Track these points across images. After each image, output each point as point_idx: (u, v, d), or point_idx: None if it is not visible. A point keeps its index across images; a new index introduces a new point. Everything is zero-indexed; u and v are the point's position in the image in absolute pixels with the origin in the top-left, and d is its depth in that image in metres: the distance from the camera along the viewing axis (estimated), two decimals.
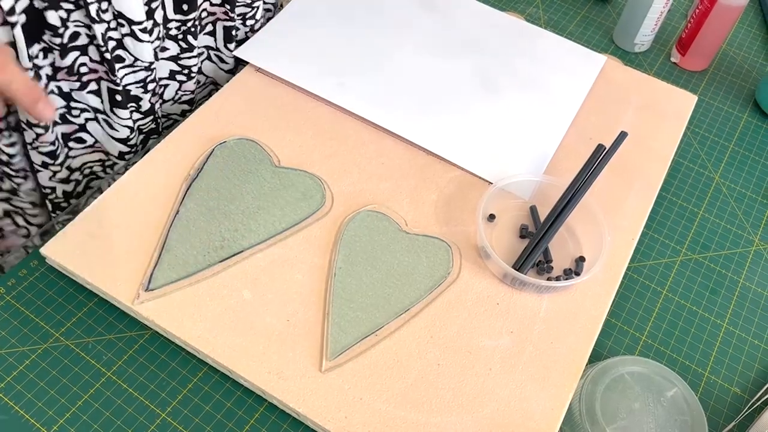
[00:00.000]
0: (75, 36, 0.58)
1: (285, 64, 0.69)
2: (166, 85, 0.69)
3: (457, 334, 0.54)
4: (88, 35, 0.58)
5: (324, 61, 0.70)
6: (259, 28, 0.73)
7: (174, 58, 0.67)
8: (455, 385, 0.51)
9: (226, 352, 0.51)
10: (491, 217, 0.61)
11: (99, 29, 0.58)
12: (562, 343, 0.54)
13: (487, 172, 0.64)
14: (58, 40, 0.57)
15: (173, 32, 0.65)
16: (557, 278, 0.57)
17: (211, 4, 0.67)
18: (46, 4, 0.54)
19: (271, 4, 0.76)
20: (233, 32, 0.70)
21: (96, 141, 0.67)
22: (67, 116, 0.64)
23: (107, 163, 0.69)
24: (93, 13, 0.56)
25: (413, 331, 0.54)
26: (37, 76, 0.58)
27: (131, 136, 0.67)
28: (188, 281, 0.54)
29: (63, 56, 0.58)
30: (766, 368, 0.59)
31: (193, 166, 0.61)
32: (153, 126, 0.69)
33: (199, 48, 0.68)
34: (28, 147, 0.63)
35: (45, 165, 0.64)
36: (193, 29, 0.65)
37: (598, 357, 0.57)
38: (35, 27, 0.55)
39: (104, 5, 0.57)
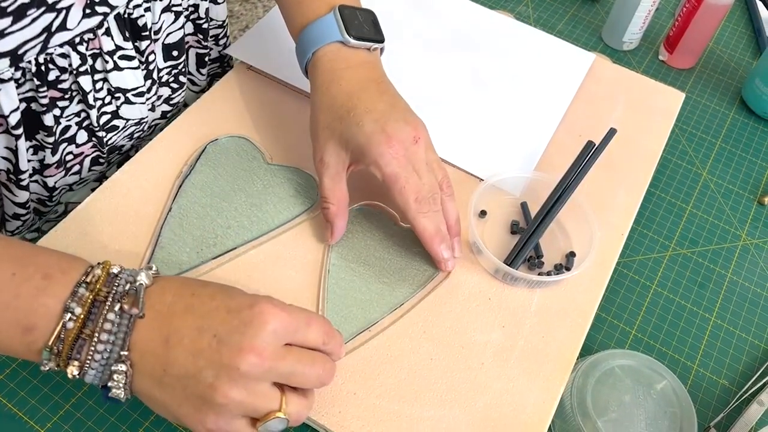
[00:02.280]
0: (65, 130, 0.57)
1: (275, 61, 0.69)
2: (157, 125, 0.69)
3: (450, 328, 0.54)
4: (77, 123, 0.58)
5: None
6: (229, 44, 0.73)
7: (166, 100, 0.67)
8: (448, 380, 0.52)
9: None
10: (482, 213, 0.61)
11: (94, 113, 0.57)
12: (553, 338, 0.55)
13: (478, 169, 0.64)
14: (51, 139, 0.56)
15: (165, 78, 0.65)
16: (548, 273, 0.58)
17: (185, 34, 0.66)
18: (44, 108, 0.53)
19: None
20: (205, 58, 0.70)
21: (68, 205, 0.67)
22: (47, 202, 0.63)
23: None
24: (91, 101, 0.56)
25: (406, 326, 0.54)
26: (27, 165, 0.57)
27: (101, 176, 0.68)
28: None
29: (54, 153, 0.57)
30: (753, 361, 0.60)
31: (185, 163, 0.61)
32: (125, 159, 0.68)
33: (187, 83, 0.68)
34: (7, 233, 0.63)
35: (16, 227, 0.65)
36: (183, 69, 0.66)
37: (588, 351, 0.58)
38: (30, 129, 0.55)
39: (98, 85, 0.57)
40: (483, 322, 0.55)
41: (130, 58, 0.57)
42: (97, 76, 0.56)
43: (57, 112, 0.55)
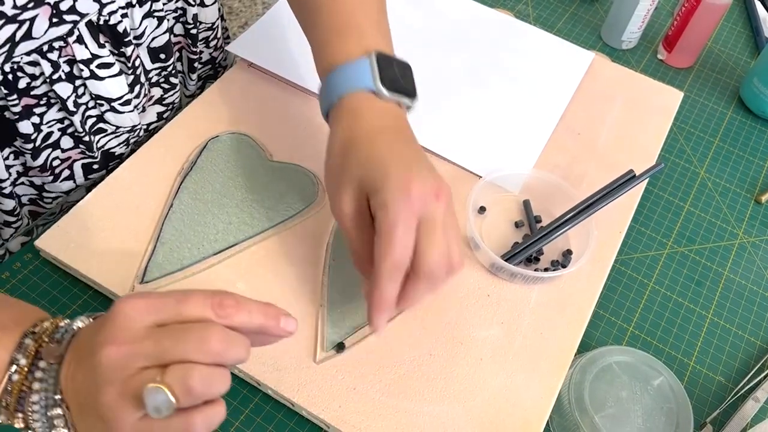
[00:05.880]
0: (48, 136, 0.56)
1: (277, 59, 0.69)
2: (155, 129, 0.67)
3: (449, 324, 0.55)
4: (60, 129, 0.57)
5: None
6: (222, 45, 0.73)
7: (159, 100, 0.66)
8: (447, 375, 0.52)
9: None
10: (482, 209, 0.62)
11: (77, 119, 0.56)
12: (551, 334, 0.55)
13: (477, 167, 0.64)
14: (30, 146, 0.55)
15: (155, 79, 0.64)
16: (545, 270, 0.58)
17: (174, 35, 0.66)
18: (17, 116, 0.52)
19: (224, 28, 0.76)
20: (195, 64, 0.70)
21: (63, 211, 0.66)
22: (39, 202, 0.62)
23: None
24: (71, 107, 0.55)
25: (406, 322, 0.54)
26: (7, 173, 0.56)
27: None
28: (183, 274, 0.55)
29: (35, 158, 0.56)
30: (749, 358, 0.60)
31: (186, 159, 0.61)
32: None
33: (180, 84, 0.67)
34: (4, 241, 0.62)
35: (23, 244, 0.64)
36: (173, 71, 0.65)
37: (586, 347, 0.58)
38: (5, 135, 0.54)
39: (80, 90, 0.55)
40: (482, 318, 0.55)
41: (108, 65, 0.56)
42: (77, 82, 0.55)
43: (36, 119, 0.54)
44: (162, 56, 0.63)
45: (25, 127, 0.53)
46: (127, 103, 0.60)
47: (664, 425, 0.51)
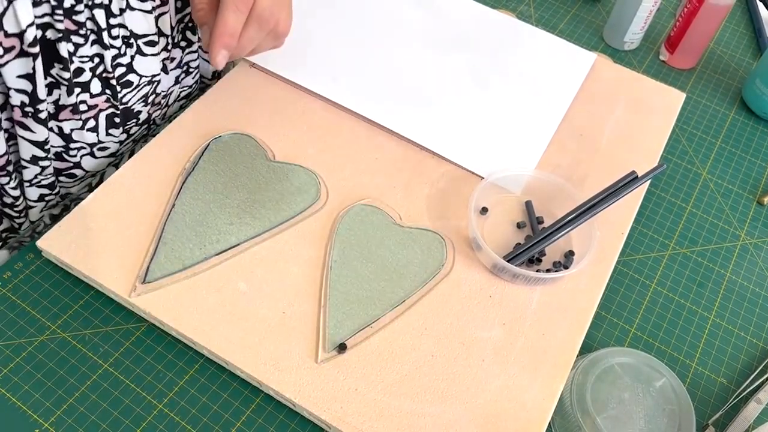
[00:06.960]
0: (79, 72, 0.56)
1: (279, 59, 0.69)
2: (171, 92, 0.68)
3: (451, 325, 0.55)
4: (91, 69, 0.57)
5: (317, 57, 0.71)
6: None
7: (179, 64, 0.66)
8: (449, 376, 0.52)
9: (222, 344, 0.52)
10: (484, 210, 0.62)
11: (108, 56, 0.57)
12: (553, 335, 0.55)
13: (480, 167, 0.64)
14: (66, 75, 0.55)
15: (176, 37, 0.64)
16: (547, 271, 0.58)
17: None
18: (60, 35, 0.52)
19: None
20: None
21: (87, 172, 0.65)
22: (64, 155, 0.62)
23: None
24: (105, 40, 0.56)
25: (408, 322, 0.54)
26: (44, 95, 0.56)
27: (121, 149, 0.66)
28: (184, 274, 0.54)
29: (69, 93, 0.56)
30: (751, 359, 0.60)
31: (188, 159, 0.61)
32: (146, 132, 0.68)
33: (197, 42, 0.68)
34: (26, 184, 0.61)
35: (41, 198, 0.63)
36: (190, 24, 0.65)
37: (588, 348, 0.58)
38: (46, 61, 0.54)
39: (114, 32, 0.56)
40: (484, 319, 0.55)
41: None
42: (112, 20, 0.56)
43: (71, 47, 0.54)
44: (178, 5, 0.63)
45: (63, 49, 0.53)
46: (153, 44, 0.60)
47: (666, 427, 0.51)
